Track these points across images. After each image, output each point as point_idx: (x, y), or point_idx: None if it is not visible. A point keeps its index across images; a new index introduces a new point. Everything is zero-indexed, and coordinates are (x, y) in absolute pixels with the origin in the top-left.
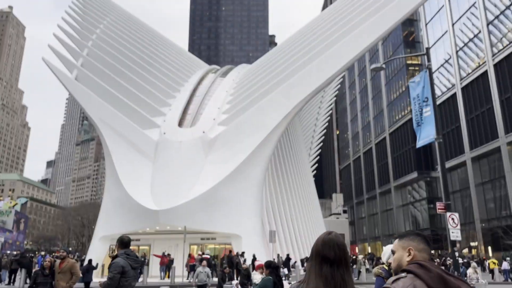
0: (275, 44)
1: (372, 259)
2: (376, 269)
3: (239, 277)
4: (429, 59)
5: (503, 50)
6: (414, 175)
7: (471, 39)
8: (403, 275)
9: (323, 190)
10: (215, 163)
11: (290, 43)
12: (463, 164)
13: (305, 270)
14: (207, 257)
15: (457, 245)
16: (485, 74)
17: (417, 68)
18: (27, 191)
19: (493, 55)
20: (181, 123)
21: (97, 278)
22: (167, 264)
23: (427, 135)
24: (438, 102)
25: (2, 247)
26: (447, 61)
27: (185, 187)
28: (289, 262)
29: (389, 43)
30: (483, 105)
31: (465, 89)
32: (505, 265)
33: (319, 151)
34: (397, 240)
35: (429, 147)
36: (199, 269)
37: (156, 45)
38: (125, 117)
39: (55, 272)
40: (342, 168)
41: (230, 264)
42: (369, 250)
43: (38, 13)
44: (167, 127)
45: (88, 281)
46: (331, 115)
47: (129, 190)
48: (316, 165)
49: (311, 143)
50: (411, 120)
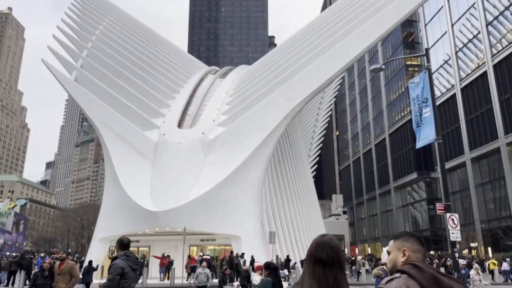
0: (275, 45)
1: (371, 260)
2: (376, 270)
3: (239, 279)
4: (428, 60)
5: (503, 50)
6: (413, 176)
7: (470, 40)
8: (397, 275)
9: (323, 191)
10: (215, 164)
11: (289, 44)
12: (463, 164)
13: None
14: (207, 258)
15: (457, 246)
16: (485, 74)
17: (416, 69)
18: (26, 192)
19: (493, 55)
20: (180, 124)
21: (96, 279)
22: (166, 265)
23: (426, 136)
24: (437, 103)
25: (1, 249)
26: (446, 62)
27: (185, 188)
28: (289, 263)
29: (389, 44)
30: (483, 105)
31: (464, 90)
32: (505, 266)
33: (319, 152)
34: (392, 241)
35: (428, 148)
36: (199, 270)
37: (155, 46)
38: (125, 118)
39: (55, 273)
40: (341, 169)
41: (230, 265)
42: (369, 251)
43: (37, 14)
44: (167, 128)
45: (88, 282)
46: (330, 116)
47: (128, 191)
48: (315, 166)
49: (311, 144)
50: (410, 121)
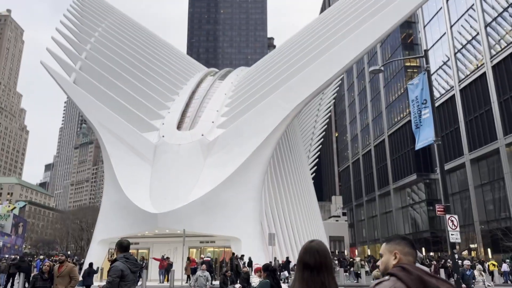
0: (274, 46)
1: (370, 261)
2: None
3: (238, 280)
4: (427, 61)
5: (501, 52)
6: (413, 177)
7: (469, 41)
8: (386, 278)
9: (322, 192)
10: (214, 166)
11: (288, 46)
12: (462, 166)
13: None
14: (207, 260)
15: (457, 247)
16: (484, 76)
17: (415, 70)
18: (25, 194)
19: (491, 57)
20: (179, 126)
21: (96, 281)
22: (166, 267)
23: (426, 137)
24: (436, 104)
25: (0, 251)
26: (445, 63)
27: (184, 190)
28: (289, 264)
29: (388, 45)
30: (482, 106)
31: (463, 91)
32: (504, 267)
33: (318, 153)
34: (384, 244)
35: (428, 149)
36: (198, 273)
37: (154, 48)
38: (124, 120)
39: (54, 276)
40: (341, 170)
41: (231, 267)
42: (369, 252)
43: (36, 16)
44: (166, 130)
45: (88, 284)
46: (330, 117)
47: (128, 193)
48: (315, 168)
49: (310, 145)
50: (410, 122)
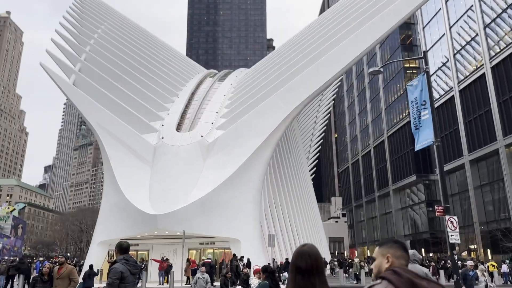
0: (273, 48)
1: (369, 262)
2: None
3: (238, 281)
4: (426, 63)
5: (501, 52)
6: (412, 178)
7: (468, 42)
8: (378, 281)
9: (322, 193)
10: (214, 167)
11: (288, 47)
12: (462, 167)
13: None
14: (208, 261)
15: (456, 248)
16: (483, 76)
17: (414, 71)
18: (25, 196)
19: (491, 57)
20: (179, 128)
21: (96, 283)
22: (166, 269)
23: (425, 138)
24: (436, 105)
25: (0, 253)
26: (444, 64)
27: (184, 192)
28: (288, 266)
29: (387, 47)
30: (481, 107)
31: (463, 92)
32: (504, 268)
33: (318, 154)
34: (377, 247)
35: (427, 150)
36: (198, 275)
37: (154, 49)
38: (123, 121)
39: (54, 278)
40: (340, 171)
41: (231, 268)
42: (368, 253)
43: (36, 18)
44: (165, 132)
45: (89, 286)
46: (329, 119)
47: (127, 195)
48: (314, 169)
49: (310, 146)
50: (409, 123)
